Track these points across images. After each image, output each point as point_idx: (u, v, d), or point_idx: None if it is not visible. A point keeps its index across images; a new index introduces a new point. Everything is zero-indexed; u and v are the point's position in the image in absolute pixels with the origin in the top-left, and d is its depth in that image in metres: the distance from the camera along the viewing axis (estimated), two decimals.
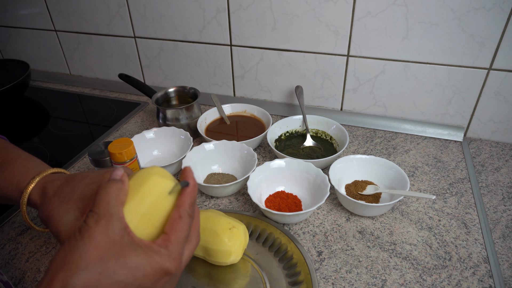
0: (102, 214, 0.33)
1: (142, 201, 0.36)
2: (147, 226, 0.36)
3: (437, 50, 0.80)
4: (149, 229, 0.36)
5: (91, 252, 0.31)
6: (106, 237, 0.32)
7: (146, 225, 0.36)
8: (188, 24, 0.96)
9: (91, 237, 0.32)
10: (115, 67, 1.14)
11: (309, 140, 0.84)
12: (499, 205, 0.69)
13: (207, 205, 0.71)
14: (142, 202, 0.36)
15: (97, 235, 0.32)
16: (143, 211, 0.36)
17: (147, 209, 0.36)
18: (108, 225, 0.33)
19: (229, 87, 1.04)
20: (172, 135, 0.82)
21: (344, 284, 0.55)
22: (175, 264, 0.35)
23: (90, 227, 0.33)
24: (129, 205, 0.36)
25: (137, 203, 0.36)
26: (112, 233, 0.33)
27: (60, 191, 0.42)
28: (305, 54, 0.90)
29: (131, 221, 0.35)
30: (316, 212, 0.68)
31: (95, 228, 0.32)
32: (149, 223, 0.36)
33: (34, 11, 1.13)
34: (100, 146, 0.69)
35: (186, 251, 0.38)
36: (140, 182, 0.38)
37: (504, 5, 0.71)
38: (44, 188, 0.44)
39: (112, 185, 0.36)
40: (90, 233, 0.32)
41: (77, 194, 0.41)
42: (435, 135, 0.87)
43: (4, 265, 0.61)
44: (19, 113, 1.08)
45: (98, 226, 0.33)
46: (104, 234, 0.32)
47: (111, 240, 0.32)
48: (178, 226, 0.36)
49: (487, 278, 0.56)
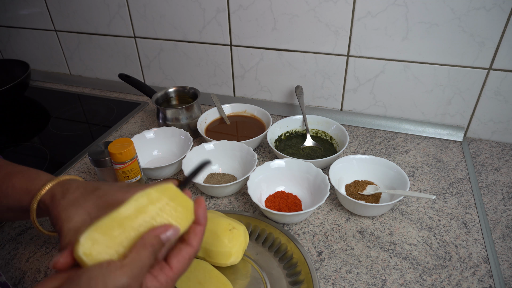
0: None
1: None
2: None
3: (437, 50, 0.80)
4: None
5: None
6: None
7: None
8: (188, 24, 0.96)
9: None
10: (115, 67, 1.14)
11: (309, 140, 0.84)
12: (499, 205, 0.69)
13: (207, 205, 0.71)
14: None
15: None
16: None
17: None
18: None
19: (229, 87, 1.04)
20: (172, 135, 0.82)
21: (344, 284, 0.55)
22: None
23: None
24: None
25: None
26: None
27: (70, 195, 0.42)
28: (305, 54, 0.90)
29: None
30: (316, 212, 0.68)
31: None
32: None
33: (34, 11, 1.13)
34: (100, 146, 0.69)
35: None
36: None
37: (504, 5, 0.71)
38: (54, 192, 0.44)
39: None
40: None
41: (90, 202, 0.41)
42: (435, 135, 0.87)
43: (4, 265, 0.61)
44: (19, 113, 1.08)
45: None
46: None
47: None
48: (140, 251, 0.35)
49: (487, 278, 0.56)
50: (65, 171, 0.81)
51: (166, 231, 0.36)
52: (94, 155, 0.67)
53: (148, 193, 0.37)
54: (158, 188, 0.38)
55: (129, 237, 0.35)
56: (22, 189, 0.46)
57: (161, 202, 0.38)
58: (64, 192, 0.43)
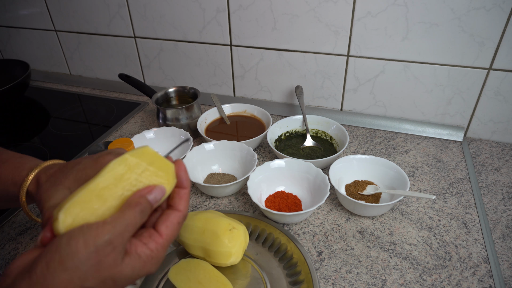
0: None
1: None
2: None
3: (437, 50, 0.80)
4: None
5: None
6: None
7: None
8: (188, 24, 0.96)
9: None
10: (115, 67, 1.14)
11: (309, 140, 0.84)
12: (499, 205, 0.69)
13: (207, 205, 0.71)
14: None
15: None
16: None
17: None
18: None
19: (229, 87, 1.04)
20: (172, 135, 0.83)
21: (344, 284, 0.55)
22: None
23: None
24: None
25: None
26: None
27: (52, 177, 0.42)
28: (305, 54, 0.90)
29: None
30: (316, 212, 0.68)
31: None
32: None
33: (34, 11, 1.13)
34: (100, 146, 0.69)
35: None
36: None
37: (504, 5, 0.71)
38: (39, 178, 0.43)
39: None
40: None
41: (70, 178, 0.40)
42: (435, 135, 0.87)
43: (4, 265, 0.60)
44: (19, 113, 1.08)
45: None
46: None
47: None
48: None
49: (487, 278, 0.56)
50: None
51: (152, 192, 0.35)
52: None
53: (125, 159, 0.35)
54: (135, 152, 0.36)
55: (111, 207, 0.34)
56: (8, 180, 0.45)
57: (140, 167, 0.36)
58: (48, 176, 0.43)
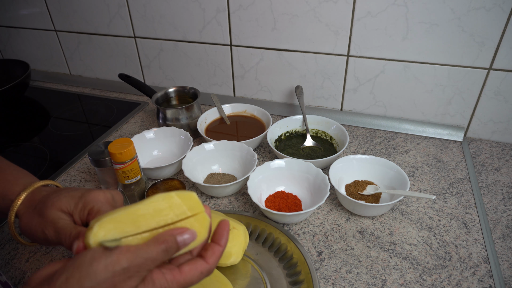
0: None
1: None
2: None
3: (437, 50, 0.80)
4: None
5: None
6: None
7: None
8: (188, 24, 0.96)
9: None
10: (115, 67, 1.14)
11: (309, 140, 0.84)
12: (499, 205, 0.69)
13: (207, 205, 0.71)
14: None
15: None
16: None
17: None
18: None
19: (229, 87, 1.04)
20: (172, 135, 0.82)
21: (344, 284, 0.55)
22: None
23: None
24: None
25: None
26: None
27: (46, 199, 0.43)
28: (305, 54, 0.90)
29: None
30: (316, 212, 0.68)
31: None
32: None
33: (34, 11, 1.13)
34: (100, 146, 0.69)
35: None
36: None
37: (504, 5, 0.71)
38: (30, 199, 0.44)
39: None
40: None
41: (64, 200, 0.42)
42: (435, 135, 0.87)
43: (4, 265, 0.61)
44: (19, 113, 1.08)
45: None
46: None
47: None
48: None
49: (487, 278, 0.56)
50: (65, 171, 0.81)
51: (183, 234, 0.35)
52: (94, 155, 0.67)
53: (170, 197, 0.36)
54: (181, 194, 0.37)
55: (142, 235, 0.35)
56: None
57: (180, 209, 0.36)
58: (38, 198, 0.44)
